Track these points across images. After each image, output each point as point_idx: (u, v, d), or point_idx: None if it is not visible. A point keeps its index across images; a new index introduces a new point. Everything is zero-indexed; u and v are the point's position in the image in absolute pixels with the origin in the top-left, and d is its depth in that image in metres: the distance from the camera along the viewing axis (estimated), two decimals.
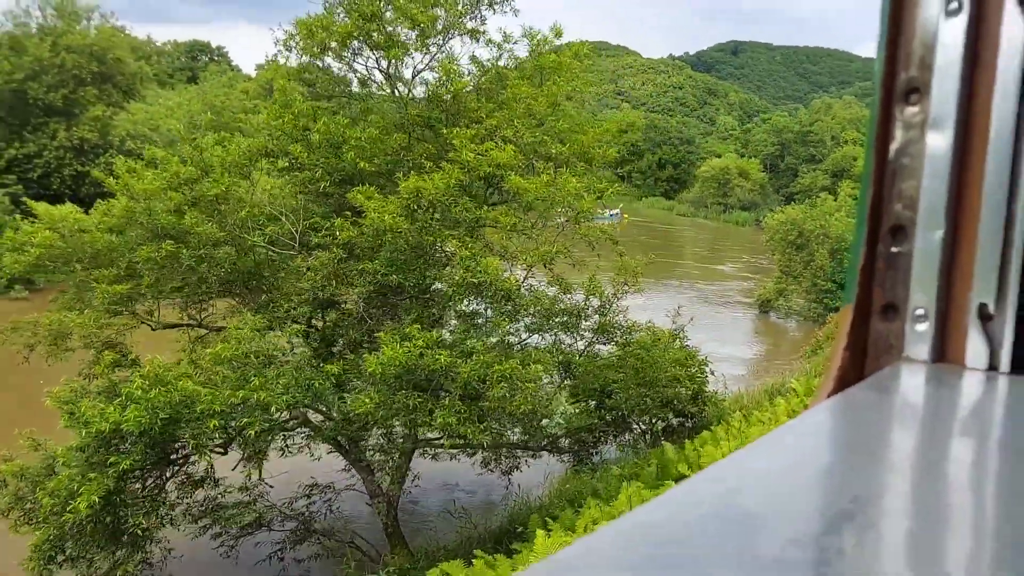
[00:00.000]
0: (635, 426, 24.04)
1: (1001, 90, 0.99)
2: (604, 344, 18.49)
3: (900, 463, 0.82)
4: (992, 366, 1.03)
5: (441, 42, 17.14)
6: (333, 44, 15.78)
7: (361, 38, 15.67)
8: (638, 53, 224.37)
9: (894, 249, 1.08)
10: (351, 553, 16.47)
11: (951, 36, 1.02)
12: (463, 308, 14.61)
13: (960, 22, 1.01)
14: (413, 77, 16.66)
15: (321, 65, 17.50)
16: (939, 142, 1.03)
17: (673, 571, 0.55)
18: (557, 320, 17.29)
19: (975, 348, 1.04)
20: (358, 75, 17.40)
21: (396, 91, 16.65)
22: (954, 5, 1.02)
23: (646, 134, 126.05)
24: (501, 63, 18.04)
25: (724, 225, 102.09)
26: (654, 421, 24.48)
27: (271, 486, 16.32)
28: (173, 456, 14.78)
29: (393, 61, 16.46)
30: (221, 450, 14.90)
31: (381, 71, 16.88)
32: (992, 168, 1.00)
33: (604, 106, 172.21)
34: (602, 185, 15.16)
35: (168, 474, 14.91)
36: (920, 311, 1.06)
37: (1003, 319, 1.02)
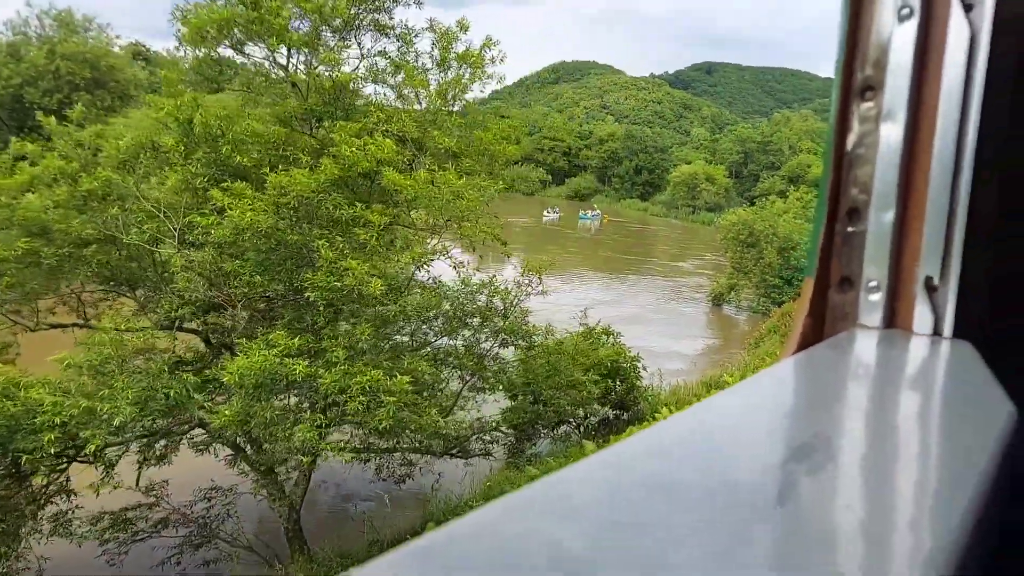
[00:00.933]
0: (571, 420, 21.72)
1: (947, 87, 1.00)
2: (509, 347, 15.95)
3: (855, 408, 0.85)
4: (936, 331, 1.05)
5: (341, 35, 14.61)
6: (211, 32, 13.17)
7: (243, 26, 13.11)
8: (623, 72, 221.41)
9: (850, 229, 1.08)
10: (236, 559, 14.01)
11: (903, 39, 1.03)
12: (334, 313, 12.05)
13: (911, 26, 1.02)
14: (310, 70, 14.07)
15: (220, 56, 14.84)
16: (891, 134, 1.04)
17: (653, 491, 0.55)
18: (464, 322, 14.81)
19: (922, 315, 1.05)
20: (252, 66, 14.75)
21: (294, 84, 14.06)
22: (906, 11, 1.02)
23: (625, 143, 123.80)
24: (410, 59, 15.45)
25: (692, 225, 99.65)
26: (587, 416, 22.13)
27: (127, 497, 13.74)
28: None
29: (289, 51, 13.93)
30: (88, 459, 12.43)
31: (278, 64, 14.34)
32: (938, 157, 1.02)
33: (591, 118, 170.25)
34: (486, 182, 12.62)
35: (29, 487, 12.38)
36: (873, 283, 1.07)
37: (947, 290, 1.04)
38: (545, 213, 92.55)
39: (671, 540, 0.48)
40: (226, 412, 11.10)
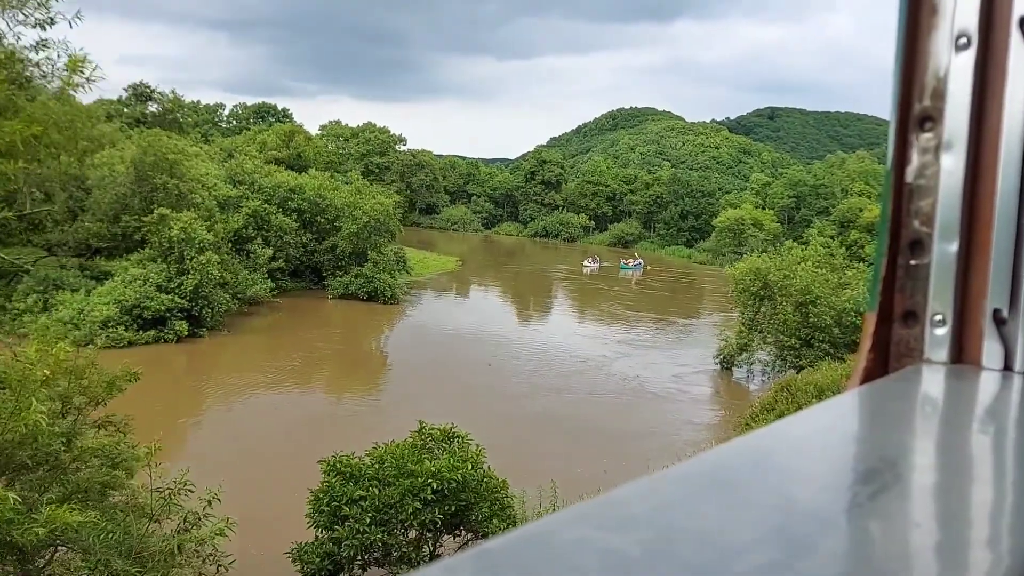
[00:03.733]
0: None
1: (1009, 116, 0.98)
2: None
3: (924, 439, 0.83)
4: (1008, 366, 1.00)
5: None
6: None
7: None
8: (681, 117, 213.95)
9: (913, 261, 1.05)
10: None
11: (961, 69, 1.00)
12: None
13: (969, 56, 0.99)
14: None
15: None
16: (953, 164, 1.01)
17: (714, 504, 0.55)
18: None
19: (991, 350, 1.01)
20: None
21: None
22: (963, 40, 1.00)
23: (670, 187, 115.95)
24: None
25: None
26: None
27: None
28: None
29: None
30: None
31: None
32: (1003, 186, 0.99)
33: (647, 164, 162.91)
34: None
35: None
36: (938, 317, 1.04)
37: (1017, 322, 1.00)
38: (585, 263, 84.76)
39: (732, 549, 0.47)
40: None
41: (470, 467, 14.23)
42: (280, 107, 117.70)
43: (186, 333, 34.64)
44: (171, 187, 38.63)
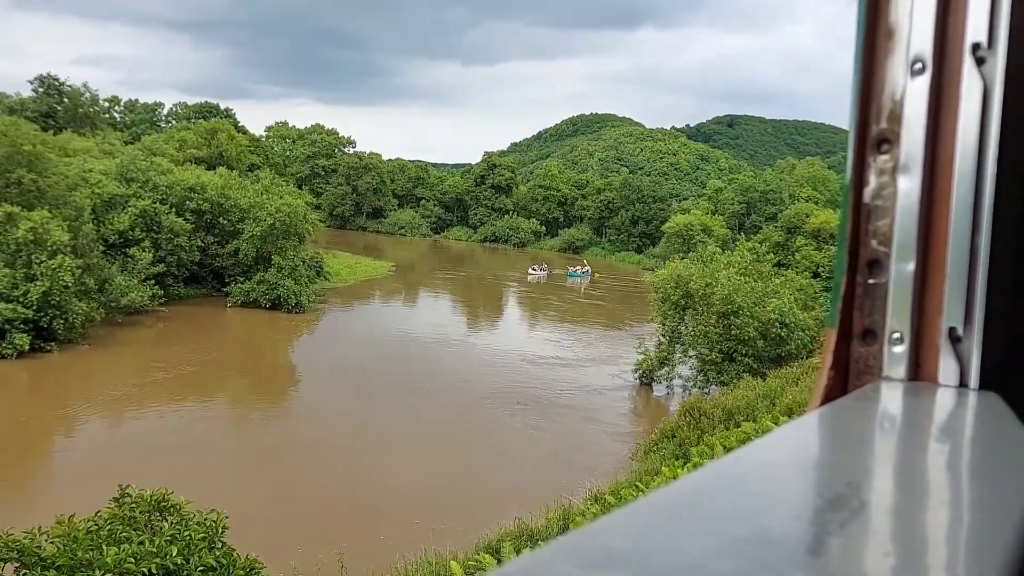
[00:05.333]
0: None
1: (963, 138, 1.00)
2: None
3: (886, 460, 0.84)
4: (963, 383, 1.03)
5: None
6: None
7: None
8: (641, 124, 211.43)
9: (871, 281, 1.07)
10: None
11: (916, 93, 1.02)
12: None
13: (924, 80, 1.02)
14: None
15: None
16: (909, 185, 1.03)
17: (689, 537, 0.55)
18: None
19: (947, 367, 1.03)
20: None
21: None
22: (919, 65, 1.02)
23: (621, 192, 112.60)
24: None
25: None
26: None
27: None
28: None
29: None
30: None
31: None
32: (957, 208, 1.01)
33: (606, 170, 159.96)
34: None
35: None
36: (896, 335, 1.05)
37: (971, 340, 1.02)
38: (531, 270, 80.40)
39: None
40: None
41: (176, 552, 10.15)
42: (223, 107, 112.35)
43: (27, 347, 30.09)
44: (27, 182, 34.05)
